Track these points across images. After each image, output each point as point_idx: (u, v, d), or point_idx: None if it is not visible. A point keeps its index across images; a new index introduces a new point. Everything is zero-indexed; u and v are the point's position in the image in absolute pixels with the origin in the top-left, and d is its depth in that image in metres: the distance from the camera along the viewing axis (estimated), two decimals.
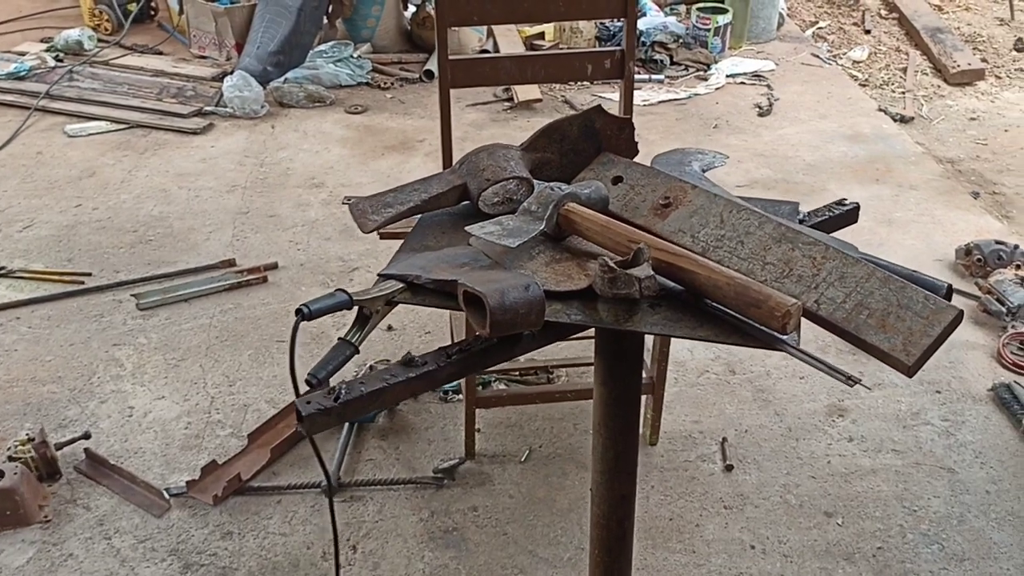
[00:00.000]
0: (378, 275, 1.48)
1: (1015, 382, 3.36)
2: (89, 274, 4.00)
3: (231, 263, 4.07)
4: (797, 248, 1.44)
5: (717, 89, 5.81)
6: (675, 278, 1.42)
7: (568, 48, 6.03)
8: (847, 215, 1.71)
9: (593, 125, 1.75)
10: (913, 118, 5.58)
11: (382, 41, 6.22)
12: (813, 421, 3.27)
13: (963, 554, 2.78)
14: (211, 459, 3.02)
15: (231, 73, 5.54)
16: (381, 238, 2.98)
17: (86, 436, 3.10)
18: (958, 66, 6.05)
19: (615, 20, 5.91)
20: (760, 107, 5.58)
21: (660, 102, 5.61)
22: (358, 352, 1.43)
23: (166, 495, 2.92)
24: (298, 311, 1.31)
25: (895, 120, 5.52)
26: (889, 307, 1.32)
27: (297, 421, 1.19)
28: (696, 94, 5.76)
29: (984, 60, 6.28)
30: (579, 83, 5.82)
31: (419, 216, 1.69)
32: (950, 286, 1.39)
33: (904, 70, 6.22)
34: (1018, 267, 3.91)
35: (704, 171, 1.80)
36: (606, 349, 1.55)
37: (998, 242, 4.02)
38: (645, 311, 1.40)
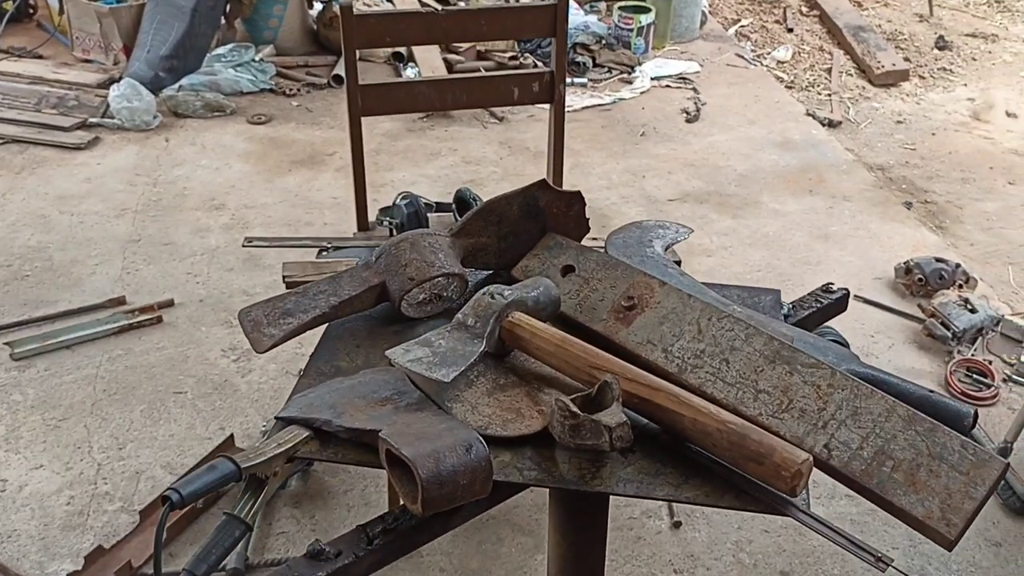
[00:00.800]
0: (276, 418, 1.15)
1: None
2: None
3: (120, 301, 3.65)
4: (796, 372, 1.17)
5: (642, 93, 5.58)
6: (651, 417, 1.14)
7: (487, 49, 5.71)
8: (835, 304, 1.46)
9: (536, 203, 1.46)
10: (841, 122, 5.45)
11: (286, 43, 5.78)
12: None
13: None
14: (97, 543, 2.66)
15: (119, 80, 5.05)
16: (288, 288, 2.64)
17: None
18: (882, 67, 5.95)
19: None
20: (687, 112, 5.37)
21: (584, 108, 5.35)
22: (251, 529, 1.10)
23: None
24: (164, 498, 0.99)
25: (823, 125, 5.38)
26: (918, 457, 1.06)
27: None
28: (621, 99, 5.51)
29: (907, 59, 6.20)
30: None
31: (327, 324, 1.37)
32: (976, 413, 1.15)
33: (829, 71, 6.09)
34: (960, 287, 3.78)
35: (667, 248, 1.52)
36: (566, 503, 1.26)
37: (938, 259, 3.89)
38: (615, 461, 1.11)
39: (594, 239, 2.07)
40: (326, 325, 1.39)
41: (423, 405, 1.18)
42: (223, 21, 5.63)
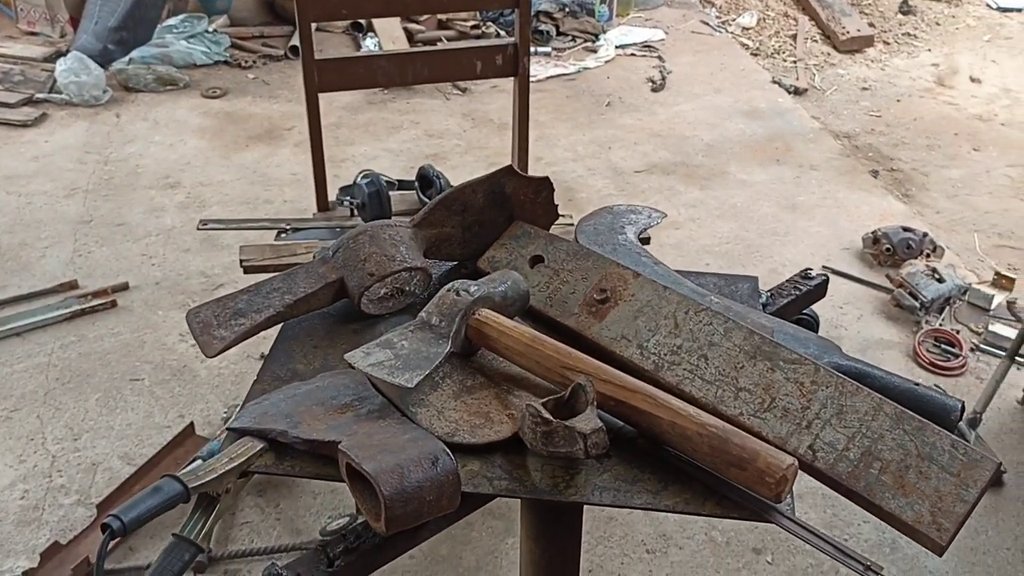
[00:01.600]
0: (227, 429, 1.08)
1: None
2: None
3: (72, 285, 3.53)
4: (778, 368, 1.11)
5: (607, 62, 5.49)
6: (628, 420, 1.08)
7: (448, 18, 5.59)
8: (815, 291, 1.40)
9: (503, 190, 1.38)
10: (807, 89, 5.41)
11: (240, 13, 5.62)
12: None
13: None
14: (53, 539, 2.57)
15: (66, 53, 4.87)
16: (246, 272, 2.55)
17: None
18: (847, 33, 5.91)
19: None
20: (653, 81, 5.30)
21: (548, 77, 5.26)
22: (202, 552, 1.03)
23: None
24: (105, 527, 0.91)
25: (789, 92, 5.34)
26: (907, 458, 1.01)
27: None
28: (586, 68, 5.43)
29: (872, 25, 6.16)
30: None
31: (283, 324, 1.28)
32: (962, 406, 1.10)
33: (794, 37, 6.04)
34: (928, 256, 3.77)
35: (640, 233, 1.46)
36: (539, 512, 1.20)
37: (905, 229, 3.87)
38: (590, 468, 1.05)
39: (562, 216, 2.00)
40: (281, 325, 1.32)
41: (385, 412, 1.11)
42: None
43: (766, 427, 1.08)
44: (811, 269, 1.48)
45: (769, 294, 1.41)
